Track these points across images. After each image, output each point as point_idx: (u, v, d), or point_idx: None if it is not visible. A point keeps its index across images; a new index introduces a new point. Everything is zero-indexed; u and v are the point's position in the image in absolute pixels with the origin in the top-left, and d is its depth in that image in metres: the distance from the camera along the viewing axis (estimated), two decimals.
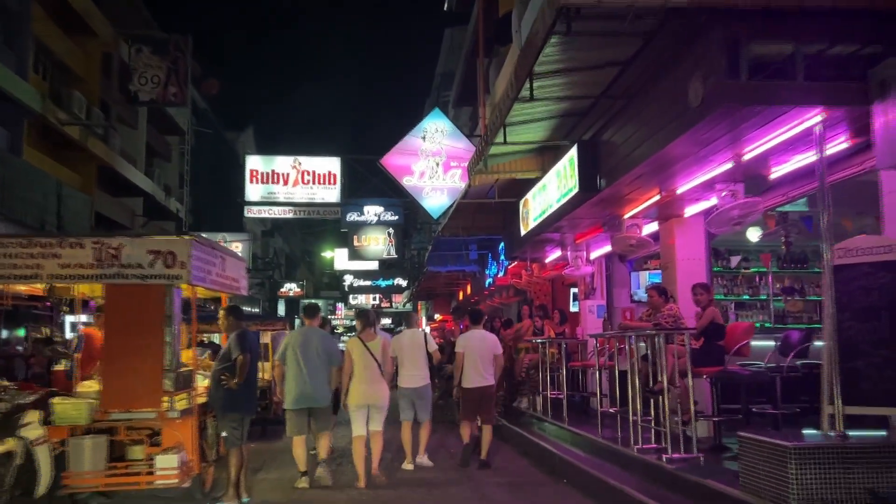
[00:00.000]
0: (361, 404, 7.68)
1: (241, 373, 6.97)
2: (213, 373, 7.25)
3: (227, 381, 6.98)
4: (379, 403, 7.73)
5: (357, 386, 7.66)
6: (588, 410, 12.16)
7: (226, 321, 7.38)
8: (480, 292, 20.29)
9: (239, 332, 7.22)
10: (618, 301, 13.39)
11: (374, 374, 7.68)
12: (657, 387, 7.58)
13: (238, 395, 7.05)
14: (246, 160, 21.90)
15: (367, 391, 7.65)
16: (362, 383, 7.66)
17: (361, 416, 7.71)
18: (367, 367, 7.68)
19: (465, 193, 11.31)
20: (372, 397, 7.66)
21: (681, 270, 9.11)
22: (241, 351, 7.00)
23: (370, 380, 7.66)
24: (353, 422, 7.75)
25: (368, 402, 7.66)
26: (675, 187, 7.64)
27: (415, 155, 18.26)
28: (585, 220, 9.55)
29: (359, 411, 7.71)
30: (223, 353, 7.27)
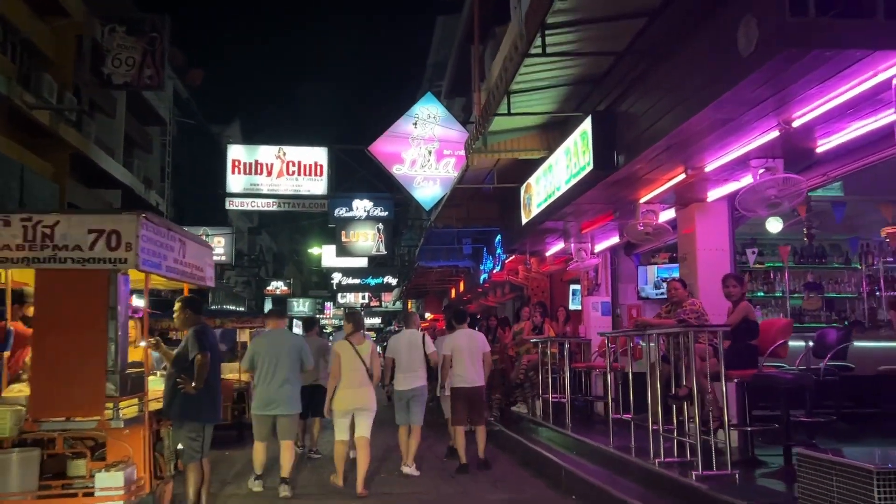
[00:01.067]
0: (347, 409, 7.30)
1: (201, 375, 6.04)
2: (167, 375, 6.31)
3: (184, 384, 6.04)
4: (366, 407, 7.35)
5: (343, 390, 7.26)
6: (592, 416, 11.27)
7: (181, 315, 6.41)
8: (474, 289, 19.29)
9: (197, 328, 6.26)
10: (623, 297, 12.49)
11: (362, 378, 7.31)
12: (681, 392, 6.64)
13: (197, 400, 6.10)
14: (228, 149, 20.79)
15: (354, 395, 7.28)
16: (349, 387, 7.26)
17: (346, 421, 7.34)
18: (354, 371, 7.28)
19: (462, 177, 10.29)
20: (359, 401, 7.29)
21: (702, 262, 8.17)
22: (199, 349, 6.06)
23: (357, 383, 7.28)
24: (336, 427, 7.36)
25: (355, 406, 7.30)
26: (704, 164, 6.68)
27: (405, 142, 17.21)
28: (596, 206, 8.58)
29: (344, 416, 7.33)
30: (179, 352, 6.31)
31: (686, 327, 6.37)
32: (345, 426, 7.32)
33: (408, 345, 8.39)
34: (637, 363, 10.98)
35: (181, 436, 6.15)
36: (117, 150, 23.30)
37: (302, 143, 20.94)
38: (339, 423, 7.32)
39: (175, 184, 28.22)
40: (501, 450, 10.59)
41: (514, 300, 17.89)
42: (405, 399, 8.35)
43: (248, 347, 8.12)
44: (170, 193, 27.47)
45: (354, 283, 38.60)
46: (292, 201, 20.27)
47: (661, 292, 12.13)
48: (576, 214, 9.10)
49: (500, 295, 18.41)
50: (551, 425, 10.22)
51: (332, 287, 40.94)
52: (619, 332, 8.56)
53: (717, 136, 5.99)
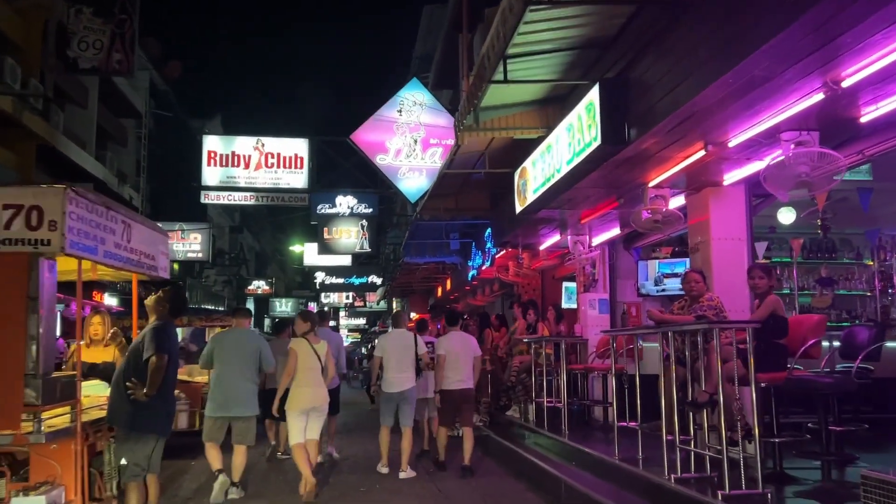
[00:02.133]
0: (305, 408, 7.05)
1: (154, 380, 5.24)
2: (115, 377, 5.48)
3: (135, 389, 5.21)
4: (321, 408, 7.18)
5: (300, 389, 7.02)
6: (590, 421, 10.47)
7: (156, 307, 5.58)
8: (461, 287, 18.43)
9: (157, 325, 5.46)
10: (622, 294, 11.70)
11: (318, 378, 7.12)
12: (701, 397, 5.82)
13: (148, 409, 5.29)
14: (203, 140, 19.81)
15: (311, 394, 7.06)
16: (306, 386, 7.03)
17: (302, 421, 7.07)
18: (311, 370, 7.07)
19: (451, 162, 9.41)
20: (316, 401, 7.09)
21: (716, 253, 7.38)
22: (155, 349, 5.26)
23: (313, 383, 7.07)
24: (292, 428, 7.05)
25: (312, 405, 7.08)
26: (728, 138, 5.86)
27: (390, 130, 16.29)
28: (599, 191, 7.75)
29: (300, 416, 7.06)
30: (132, 350, 5.47)
31: (709, 324, 5.54)
32: (301, 427, 7.03)
33: (399, 345, 8.31)
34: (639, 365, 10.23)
35: (125, 449, 5.32)
36: (89, 142, 22.32)
37: (284, 135, 19.99)
38: (295, 424, 7.03)
39: (152, 178, 27.14)
40: (492, 457, 9.81)
41: (503, 298, 17.05)
42: (394, 401, 8.23)
43: (207, 345, 7.67)
44: (146, 188, 26.41)
45: (338, 282, 37.70)
46: (271, 195, 19.35)
47: (663, 289, 11.36)
48: (576, 202, 8.27)
49: (488, 293, 17.58)
50: (546, 432, 9.42)
51: (315, 287, 39.99)
52: (628, 329, 7.71)
53: (746, 101, 5.17)
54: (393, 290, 26.98)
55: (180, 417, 10.11)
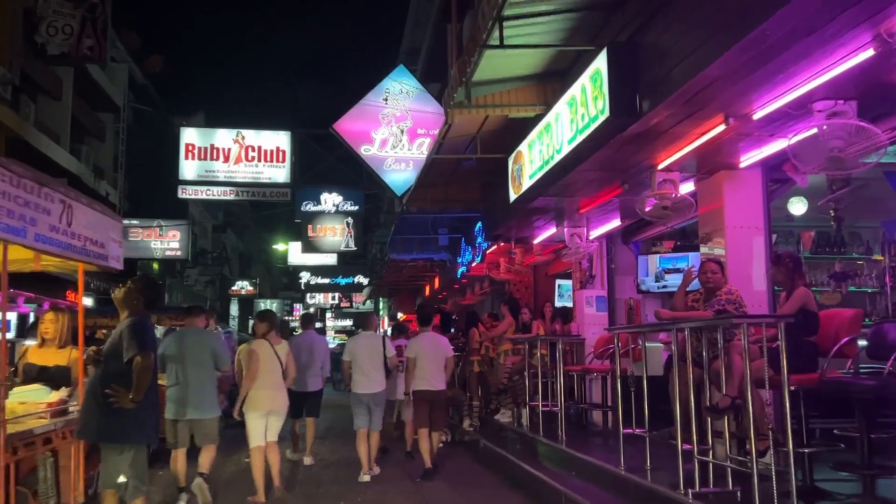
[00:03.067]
0: (265, 410, 6.91)
1: (142, 383, 4.60)
2: (89, 383, 4.85)
3: (118, 397, 4.55)
4: (280, 411, 7.06)
5: (260, 391, 6.89)
6: (588, 427, 9.81)
7: (128, 301, 4.90)
8: (450, 286, 17.71)
9: (134, 321, 4.79)
10: (620, 291, 11.08)
11: (278, 380, 7.02)
12: (722, 402, 5.16)
13: (138, 416, 4.68)
14: (181, 133, 19.02)
15: (273, 396, 6.96)
16: (267, 388, 6.91)
17: (262, 424, 6.91)
18: (272, 372, 6.96)
19: (440, 146, 8.69)
20: (275, 403, 6.98)
21: (731, 243, 6.74)
22: (138, 348, 4.63)
23: (274, 385, 6.98)
24: (252, 430, 6.88)
25: (272, 407, 6.95)
26: (753, 109, 5.20)
27: (375, 120, 15.54)
28: (602, 175, 7.08)
29: (260, 419, 6.91)
30: (109, 353, 4.78)
31: (731, 319, 4.88)
32: (261, 430, 6.88)
33: (367, 347, 8.25)
34: (636, 365, 9.59)
35: (121, 465, 4.68)
36: (63, 135, 21.50)
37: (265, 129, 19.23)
38: (255, 427, 6.87)
39: (130, 175, 26.28)
40: (483, 465, 9.15)
41: (493, 297, 16.34)
42: (364, 403, 8.16)
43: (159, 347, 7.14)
44: (124, 185, 25.56)
45: (324, 282, 37.06)
46: (251, 190, 18.59)
47: (664, 285, 10.73)
48: (575, 188, 7.59)
49: (478, 291, 16.89)
50: (542, 438, 8.76)
51: (300, 287, 39.23)
52: (637, 326, 7.02)
53: (778, 63, 4.52)
54: (379, 290, 26.21)
55: None
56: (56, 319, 6.27)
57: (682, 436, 5.47)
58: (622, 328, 6.97)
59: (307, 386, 8.97)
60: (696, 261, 10.87)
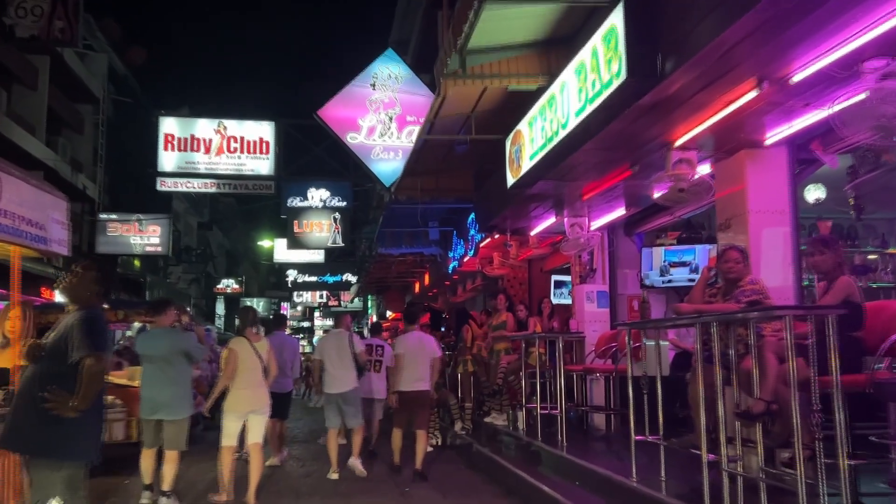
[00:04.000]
0: (244, 411, 6.68)
1: (91, 389, 3.88)
2: (23, 383, 4.06)
3: (57, 403, 3.83)
4: (261, 410, 6.79)
5: (239, 391, 6.67)
6: (589, 431, 9.16)
7: (80, 289, 4.16)
8: (441, 282, 17.01)
9: (87, 314, 4.03)
10: (622, 286, 10.45)
11: (258, 379, 6.75)
12: (756, 407, 4.50)
13: (81, 427, 3.95)
14: (159, 122, 18.24)
15: (251, 396, 6.71)
16: (246, 388, 6.68)
17: (237, 424, 6.70)
18: (252, 370, 6.71)
19: (431, 125, 7.95)
20: (256, 403, 6.73)
21: (754, 229, 6.10)
22: (89, 348, 3.88)
23: (254, 384, 6.72)
24: (226, 430, 6.68)
25: (252, 408, 6.72)
26: (791, 70, 4.53)
27: (362, 106, 14.82)
28: (610, 155, 6.40)
29: (237, 419, 6.69)
30: (51, 349, 4.01)
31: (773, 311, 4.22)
32: (235, 430, 6.68)
33: (335, 346, 8.26)
34: (637, 365, 8.95)
35: (50, 484, 3.92)
36: (39, 126, 20.74)
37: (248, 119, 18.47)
38: (229, 426, 6.66)
39: (111, 169, 25.44)
40: (477, 472, 8.53)
41: (485, 293, 15.66)
42: (334, 402, 8.15)
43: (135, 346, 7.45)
44: (104, 179, 24.71)
45: (311, 280, 36.28)
46: (234, 182, 17.84)
47: (669, 279, 10.09)
48: (580, 171, 6.90)
49: (469, 288, 16.21)
50: (540, 443, 8.13)
51: (287, 285, 38.45)
52: (656, 321, 6.33)
53: (826, 11, 3.85)
54: (367, 287, 25.44)
55: (114, 427, 8.84)
56: (22, 317, 5.62)
57: (704, 442, 4.82)
58: (635, 324, 6.28)
59: (276, 387, 8.79)
60: (703, 254, 10.28)
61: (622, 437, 8.48)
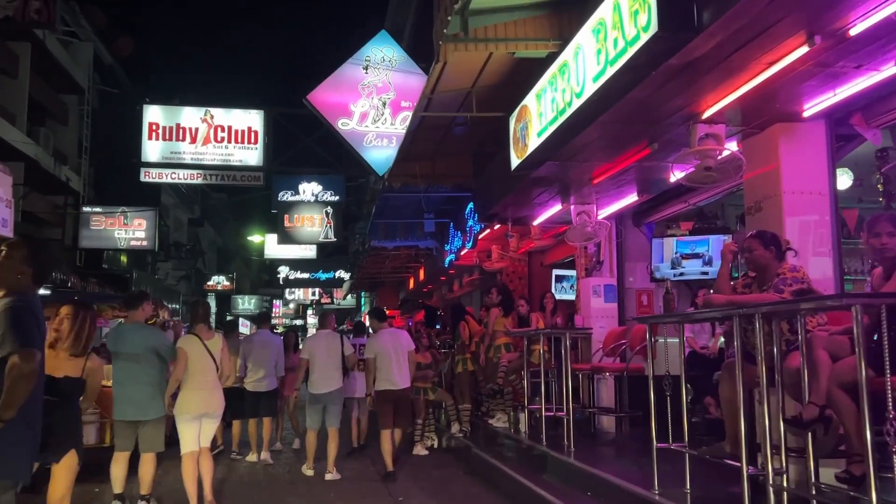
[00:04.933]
0: (197, 414, 6.28)
1: (17, 393, 3.15)
2: None
3: None
4: (214, 413, 6.43)
5: (192, 392, 6.26)
6: (596, 434, 8.54)
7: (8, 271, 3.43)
8: (436, 278, 16.36)
9: (16, 304, 3.30)
10: (631, 280, 9.80)
11: (213, 380, 6.36)
12: (807, 413, 3.87)
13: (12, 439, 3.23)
14: (143, 110, 17.52)
15: (205, 398, 6.31)
16: (200, 389, 6.28)
17: (194, 427, 6.29)
18: (205, 371, 6.32)
19: (428, 101, 7.23)
20: (209, 405, 6.34)
21: (790, 212, 5.46)
22: (18, 343, 3.18)
23: (208, 385, 6.33)
24: (183, 435, 6.30)
25: (205, 410, 6.33)
26: (850, 21, 3.87)
27: (354, 91, 14.12)
28: (627, 131, 5.74)
29: (192, 422, 6.29)
30: None
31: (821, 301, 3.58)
32: (194, 434, 6.27)
33: (325, 346, 8.15)
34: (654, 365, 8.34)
35: None
36: (20, 116, 20.00)
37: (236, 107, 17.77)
38: (187, 431, 6.27)
39: (97, 161, 24.67)
40: (476, 478, 7.94)
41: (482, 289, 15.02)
42: (321, 402, 8.06)
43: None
44: (89, 171, 23.96)
45: (303, 277, 35.58)
46: (221, 173, 17.13)
47: (681, 272, 9.46)
48: (592, 150, 6.24)
49: (466, 284, 15.56)
50: (545, 448, 7.52)
51: (278, 282, 37.77)
52: (684, 315, 5.65)
53: None
54: (360, 283, 24.76)
55: (88, 430, 8.36)
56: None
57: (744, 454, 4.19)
58: (660, 317, 5.56)
59: (261, 386, 8.96)
60: (717, 245, 9.65)
61: (634, 441, 7.87)
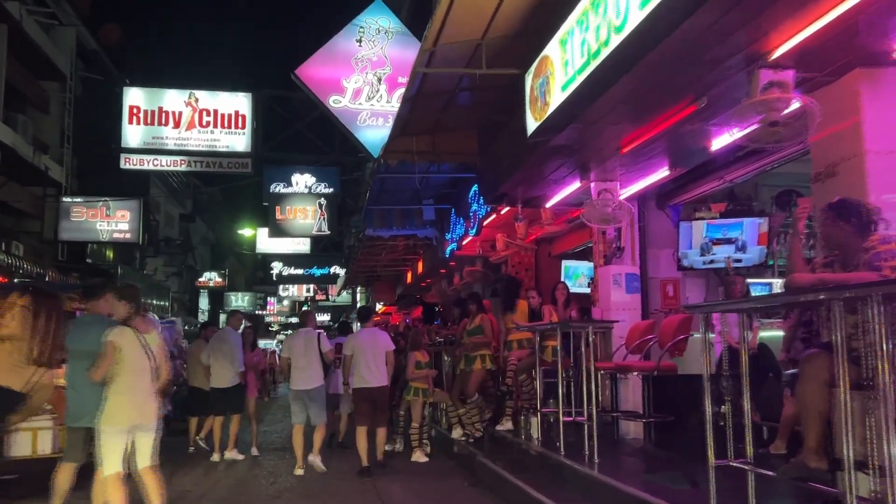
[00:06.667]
0: (129, 426, 5.08)
1: None
2: None
3: None
4: (148, 426, 5.23)
5: (120, 397, 5.04)
6: (619, 442, 7.57)
7: None
8: (436, 270, 15.36)
9: None
10: (654, 269, 8.86)
11: (147, 383, 5.16)
12: None
13: None
14: (124, 93, 16.51)
15: (140, 406, 5.11)
16: (131, 394, 5.08)
17: (122, 442, 5.06)
18: (141, 372, 5.12)
19: (431, 54, 6.12)
20: (142, 416, 5.14)
21: (873, 175, 4.47)
22: None
23: (144, 390, 5.14)
24: (107, 452, 5.01)
25: (139, 421, 5.13)
26: None
27: (346, 65, 13.08)
28: (674, 80, 4.75)
29: (120, 436, 5.06)
30: None
31: None
32: (120, 451, 5.02)
33: (304, 344, 8.20)
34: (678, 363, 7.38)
35: None
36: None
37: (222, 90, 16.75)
38: (111, 446, 5.00)
39: (80, 151, 23.61)
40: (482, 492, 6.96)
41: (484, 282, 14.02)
42: (301, 398, 8.15)
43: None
44: (72, 161, 22.90)
45: (297, 273, 34.62)
46: (206, 159, 16.13)
47: (711, 259, 8.49)
48: (627, 106, 5.21)
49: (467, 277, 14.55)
50: (562, 458, 6.60)
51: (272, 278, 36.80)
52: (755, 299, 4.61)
53: None
54: (355, 277, 23.72)
55: (42, 437, 7.49)
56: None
57: (849, 477, 3.21)
58: (720, 304, 4.49)
59: (225, 382, 8.91)
60: (751, 229, 8.67)
61: (666, 451, 6.91)
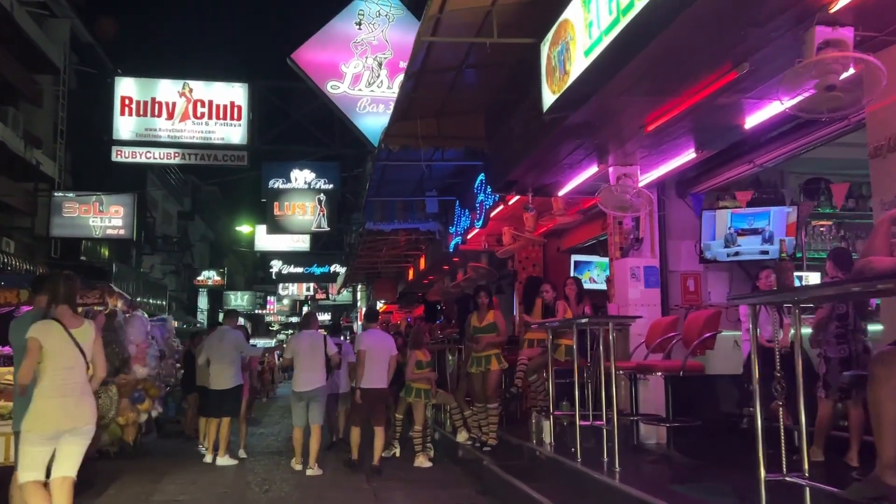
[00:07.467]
0: (55, 431, 4.48)
1: None
2: None
3: None
4: (83, 428, 4.60)
5: (47, 400, 4.46)
6: (640, 448, 7.00)
7: None
8: (439, 267, 14.79)
9: None
10: (675, 261, 8.31)
11: (81, 383, 4.60)
12: None
13: None
14: (115, 83, 15.96)
15: (69, 409, 4.51)
16: (61, 395, 4.48)
17: (45, 449, 4.48)
18: (69, 369, 4.52)
19: (436, 21, 5.53)
20: (74, 419, 4.53)
21: None
22: None
23: (74, 390, 4.54)
24: (25, 457, 4.47)
25: (70, 426, 4.51)
26: None
27: (345, 49, 12.52)
28: (714, 44, 4.15)
29: (44, 443, 4.48)
30: None
31: None
32: (42, 458, 4.50)
33: (309, 346, 8.24)
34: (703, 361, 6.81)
35: None
36: None
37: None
38: (32, 453, 4.48)
39: (74, 146, 23.12)
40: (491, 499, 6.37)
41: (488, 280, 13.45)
42: (304, 399, 8.18)
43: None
44: (65, 156, 22.40)
45: (297, 271, 34.13)
46: (201, 152, 15.59)
47: (736, 251, 7.93)
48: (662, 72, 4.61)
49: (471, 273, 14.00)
50: (579, 465, 6.02)
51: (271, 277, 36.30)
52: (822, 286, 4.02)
53: None
54: (355, 274, 23.16)
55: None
56: None
57: None
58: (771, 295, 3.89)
59: (221, 383, 8.65)
60: (779, 219, 8.10)
61: (694, 458, 6.35)
